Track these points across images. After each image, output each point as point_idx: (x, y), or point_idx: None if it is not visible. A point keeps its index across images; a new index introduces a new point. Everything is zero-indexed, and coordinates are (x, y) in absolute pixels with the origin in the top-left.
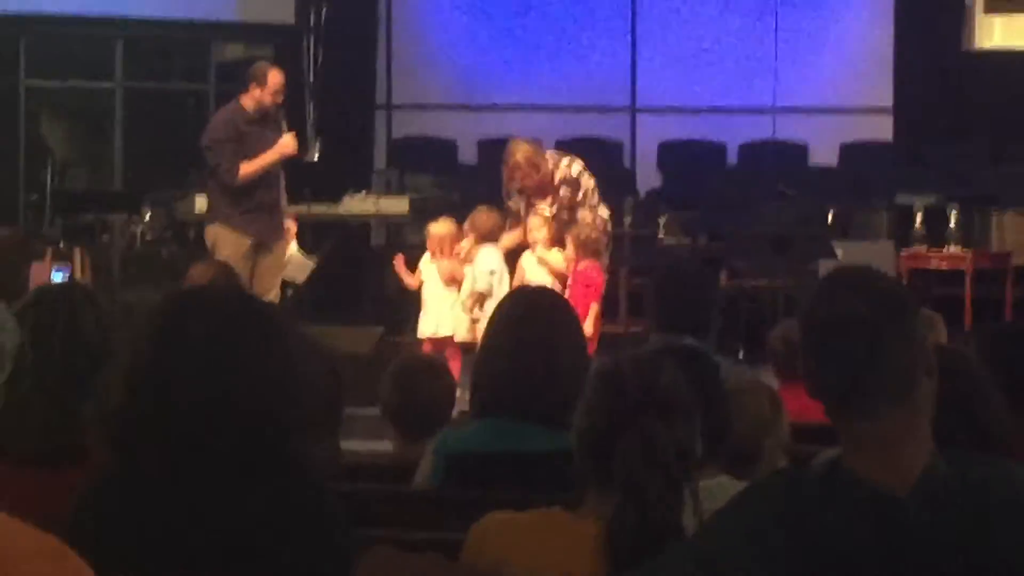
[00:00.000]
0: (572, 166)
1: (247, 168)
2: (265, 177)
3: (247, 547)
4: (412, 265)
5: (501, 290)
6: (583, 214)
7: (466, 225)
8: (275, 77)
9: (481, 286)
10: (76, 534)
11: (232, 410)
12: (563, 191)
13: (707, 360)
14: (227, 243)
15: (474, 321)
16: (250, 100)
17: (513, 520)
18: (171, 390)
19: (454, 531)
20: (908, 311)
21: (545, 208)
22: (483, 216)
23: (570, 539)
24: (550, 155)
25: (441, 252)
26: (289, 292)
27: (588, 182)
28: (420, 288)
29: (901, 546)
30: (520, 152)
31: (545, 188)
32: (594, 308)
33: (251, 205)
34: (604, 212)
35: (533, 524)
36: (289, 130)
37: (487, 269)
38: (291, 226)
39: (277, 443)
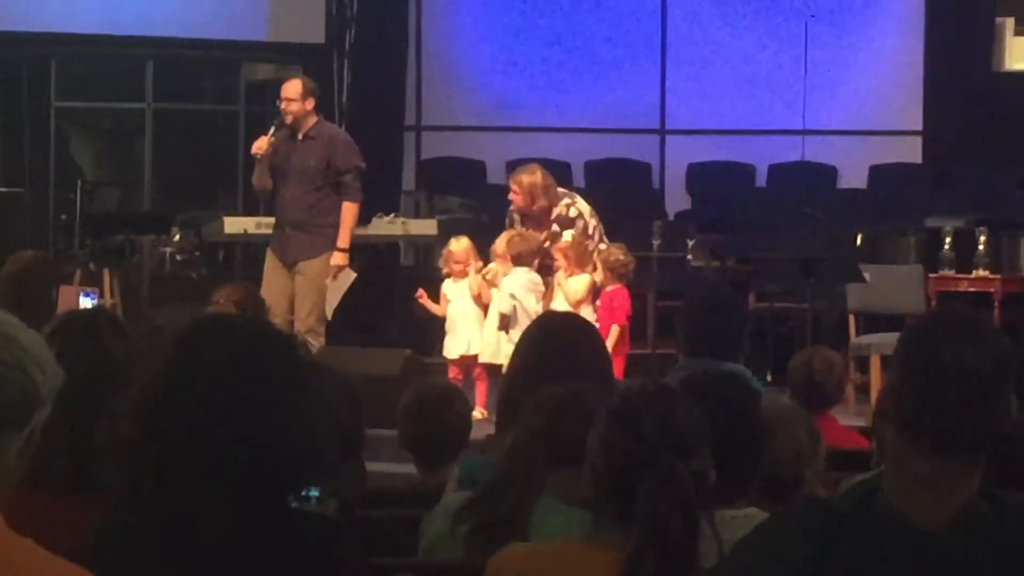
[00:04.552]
0: (571, 208)
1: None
2: (282, 195)
3: None
4: (436, 287)
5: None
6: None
7: (500, 247)
8: (284, 87)
9: (504, 308)
10: (95, 563)
11: (240, 443)
12: (555, 227)
13: (748, 388)
14: (267, 258)
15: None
16: None
17: (532, 551)
18: (178, 422)
19: (476, 559)
20: (1016, 374)
21: (567, 234)
22: (519, 239)
23: (587, 570)
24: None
25: (463, 269)
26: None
27: (588, 221)
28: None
29: None
30: (529, 174)
31: (540, 219)
32: (615, 330)
33: (276, 222)
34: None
35: (551, 555)
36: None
37: (508, 291)
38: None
39: (289, 475)
